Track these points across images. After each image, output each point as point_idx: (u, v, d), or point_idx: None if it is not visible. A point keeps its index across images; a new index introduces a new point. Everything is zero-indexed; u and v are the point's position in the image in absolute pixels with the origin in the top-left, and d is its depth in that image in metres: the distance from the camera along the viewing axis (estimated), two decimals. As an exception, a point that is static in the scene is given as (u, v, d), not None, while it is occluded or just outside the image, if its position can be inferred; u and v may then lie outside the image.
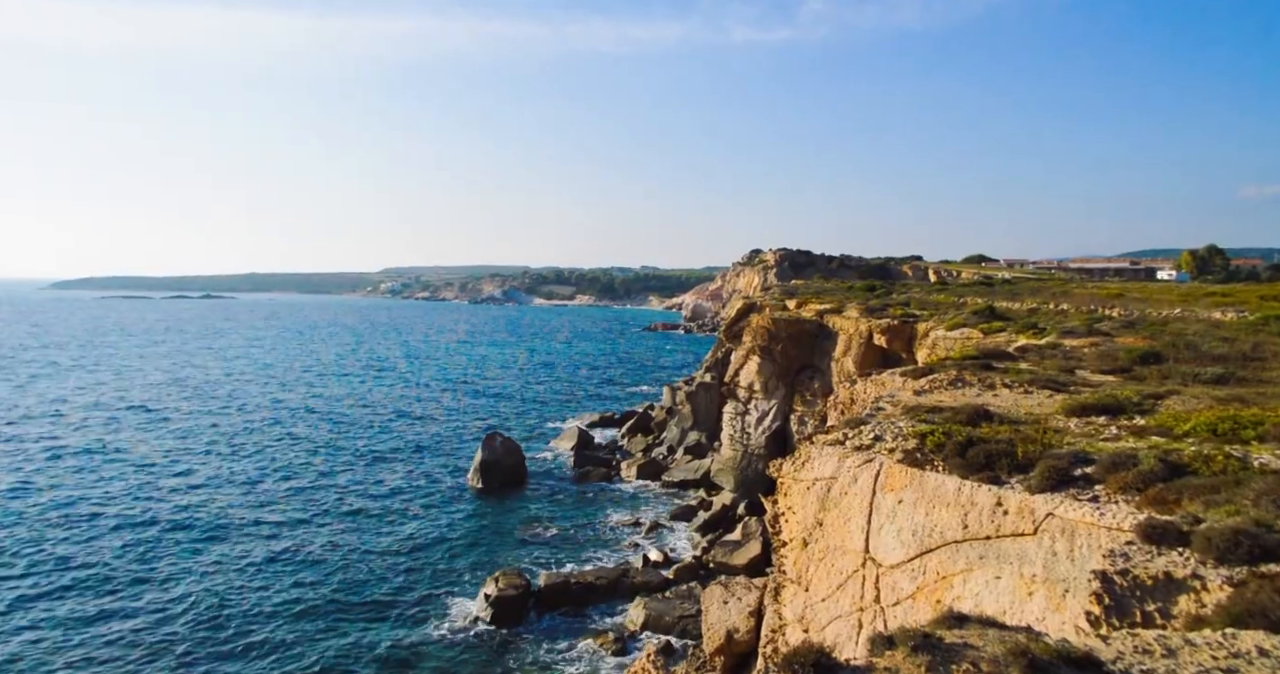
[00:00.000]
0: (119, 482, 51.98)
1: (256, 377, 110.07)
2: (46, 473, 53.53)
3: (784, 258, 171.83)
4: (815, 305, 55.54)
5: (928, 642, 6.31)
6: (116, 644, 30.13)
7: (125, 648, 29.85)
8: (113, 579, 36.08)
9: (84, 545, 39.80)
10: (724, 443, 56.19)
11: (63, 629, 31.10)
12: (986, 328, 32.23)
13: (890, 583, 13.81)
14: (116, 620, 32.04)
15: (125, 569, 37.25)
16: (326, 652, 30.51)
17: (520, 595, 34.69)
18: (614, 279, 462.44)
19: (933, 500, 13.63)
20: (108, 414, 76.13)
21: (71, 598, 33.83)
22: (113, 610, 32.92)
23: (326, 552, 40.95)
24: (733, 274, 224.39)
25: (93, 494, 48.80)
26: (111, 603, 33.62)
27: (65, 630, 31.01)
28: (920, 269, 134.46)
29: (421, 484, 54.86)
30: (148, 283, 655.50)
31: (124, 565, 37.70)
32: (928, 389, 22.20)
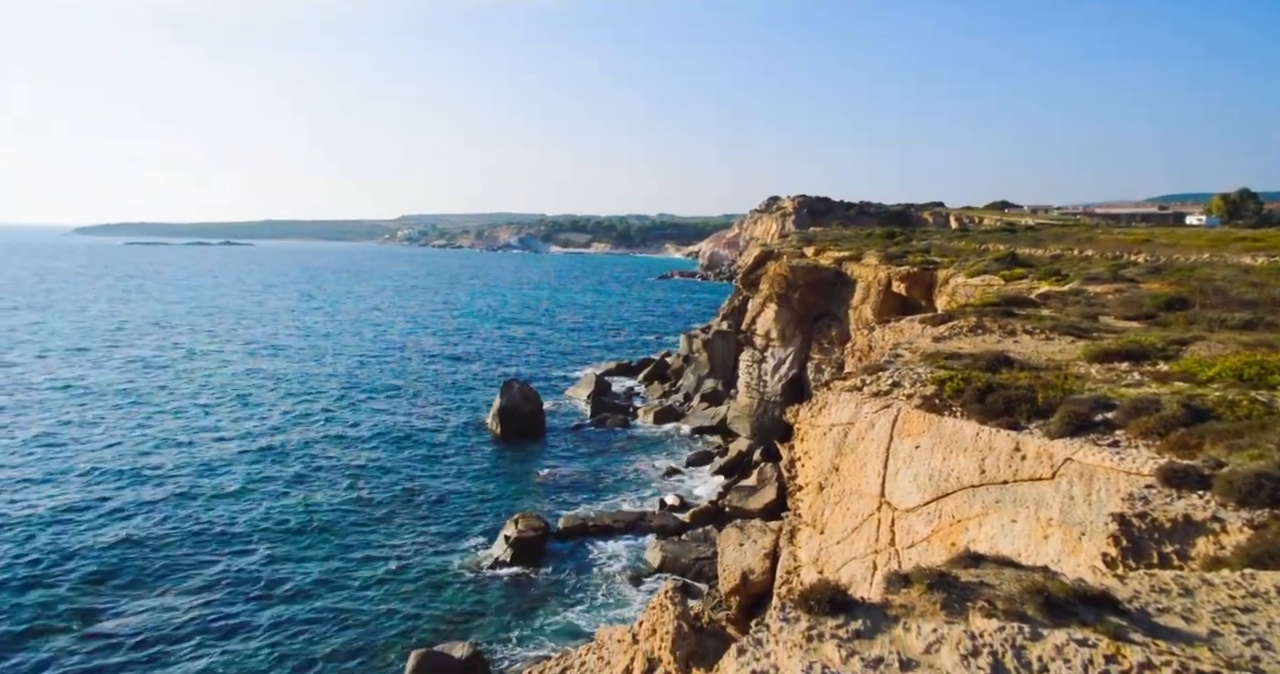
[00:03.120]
0: (156, 424, 53.13)
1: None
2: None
3: (802, 205, 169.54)
4: (833, 253, 54.94)
5: (943, 580, 6.36)
6: (150, 572, 31.23)
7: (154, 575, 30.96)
8: (148, 515, 37.15)
9: (130, 473, 40.94)
10: (740, 390, 56.40)
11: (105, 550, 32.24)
12: (1008, 275, 31.79)
13: (905, 526, 13.94)
14: (144, 552, 33.11)
15: (157, 511, 38.32)
16: (348, 592, 31.44)
17: (539, 537, 35.44)
18: (630, 227, 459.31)
19: (950, 446, 13.64)
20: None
21: (118, 520, 34.95)
22: (139, 542, 34.01)
23: (347, 494, 41.88)
24: (750, 221, 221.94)
25: (132, 434, 49.97)
26: (146, 534, 34.71)
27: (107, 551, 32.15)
28: (941, 216, 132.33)
29: (441, 430, 55.68)
30: (167, 229, 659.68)
31: (156, 508, 38.78)
32: (947, 336, 22.03)
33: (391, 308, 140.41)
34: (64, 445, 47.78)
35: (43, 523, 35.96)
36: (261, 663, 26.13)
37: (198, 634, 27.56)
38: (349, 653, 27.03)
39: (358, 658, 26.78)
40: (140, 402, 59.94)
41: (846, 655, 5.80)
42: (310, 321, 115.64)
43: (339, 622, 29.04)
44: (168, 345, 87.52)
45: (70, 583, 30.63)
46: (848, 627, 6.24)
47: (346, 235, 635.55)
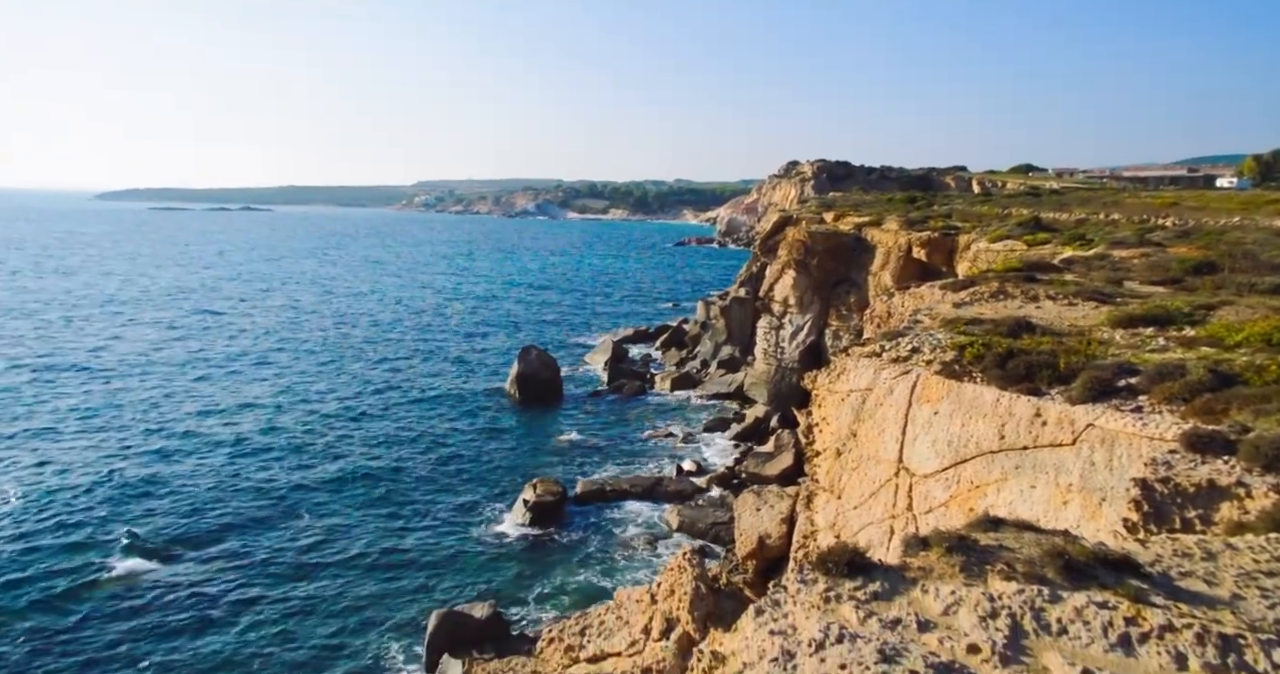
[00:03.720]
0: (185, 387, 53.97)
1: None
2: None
3: (822, 170, 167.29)
4: (853, 218, 54.31)
5: (963, 543, 6.36)
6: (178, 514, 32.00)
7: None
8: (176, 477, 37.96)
9: (161, 435, 41.80)
10: (757, 357, 56.31)
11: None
12: (1031, 239, 31.32)
13: (923, 492, 13.93)
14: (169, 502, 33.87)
15: (187, 472, 39.10)
16: (371, 553, 32.05)
17: (557, 501, 35.86)
18: (648, 192, 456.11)
19: (969, 411, 13.56)
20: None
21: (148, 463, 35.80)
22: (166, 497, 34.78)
23: (370, 458, 42.49)
24: (769, 187, 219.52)
25: (151, 394, 50.81)
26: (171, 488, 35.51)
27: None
28: (964, 180, 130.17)
29: (460, 395, 56.16)
30: (187, 195, 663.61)
31: (185, 470, 39.56)
32: (968, 301, 21.80)
33: (409, 274, 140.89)
34: (100, 409, 48.73)
35: (82, 489, 36.81)
36: (287, 620, 26.79)
37: (219, 597, 28.27)
38: (373, 612, 27.66)
39: (382, 618, 27.40)
40: (159, 368, 60.81)
41: (864, 617, 5.83)
42: (331, 288, 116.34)
43: (363, 583, 29.65)
44: (198, 311, 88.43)
45: (115, 541, 31.45)
46: (865, 589, 6.27)
47: (364, 201, 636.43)
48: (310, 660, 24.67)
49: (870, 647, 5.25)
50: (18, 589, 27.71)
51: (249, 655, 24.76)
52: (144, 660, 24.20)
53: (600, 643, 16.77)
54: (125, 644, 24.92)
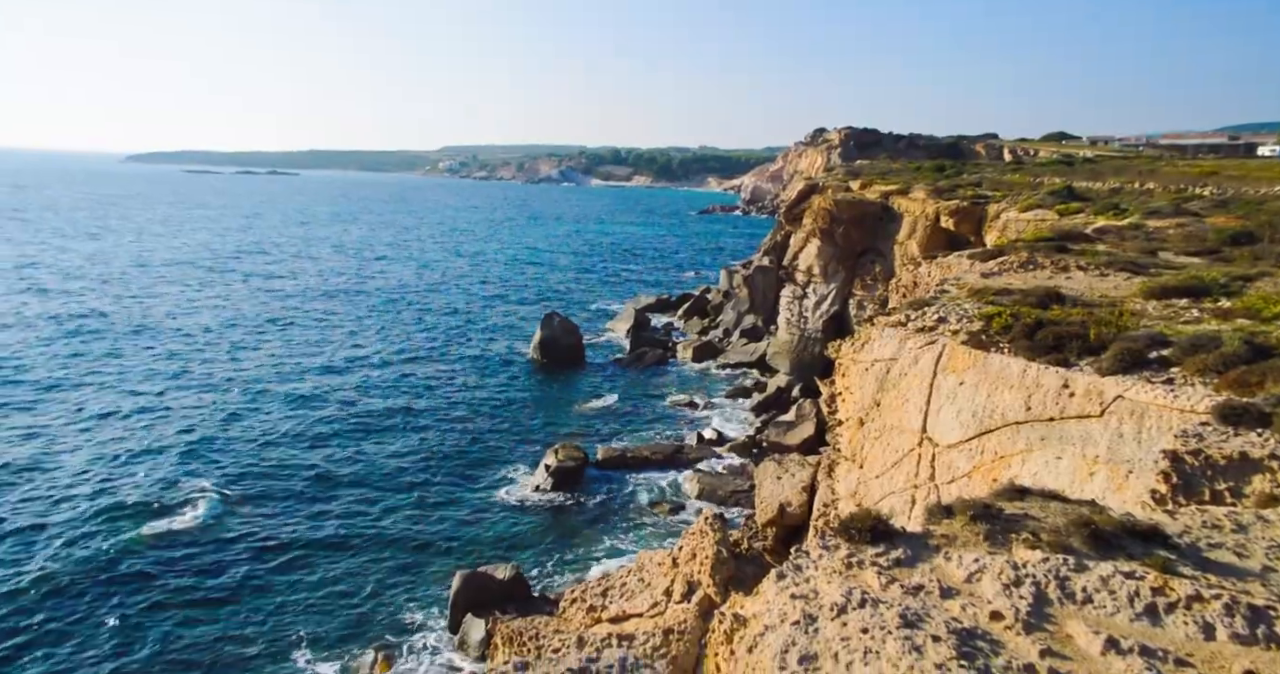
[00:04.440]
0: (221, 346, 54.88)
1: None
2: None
3: (849, 137, 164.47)
4: (880, 186, 53.49)
5: (987, 511, 6.34)
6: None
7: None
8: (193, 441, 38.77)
9: (195, 388, 42.69)
10: (780, 326, 56.06)
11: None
12: (1063, 209, 30.70)
13: (946, 462, 13.88)
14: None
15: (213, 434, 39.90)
16: (396, 515, 32.63)
17: (578, 467, 36.21)
18: (672, 159, 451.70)
19: (996, 382, 13.43)
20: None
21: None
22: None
23: (392, 421, 43.08)
24: (795, 154, 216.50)
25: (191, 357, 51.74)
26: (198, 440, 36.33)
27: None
28: (995, 148, 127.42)
29: (483, 361, 56.60)
30: (215, 158, 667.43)
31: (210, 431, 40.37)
32: (996, 271, 21.48)
33: (433, 240, 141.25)
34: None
35: (114, 458, 37.74)
36: (316, 577, 27.46)
37: (252, 552, 29.00)
38: (398, 573, 28.26)
39: (406, 578, 28.00)
40: (199, 329, 61.77)
41: (886, 583, 5.85)
42: (357, 253, 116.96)
43: (388, 544, 30.25)
44: (243, 275, 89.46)
45: (167, 497, 32.31)
46: (888, 555, 6.28)
47: (388, 166, 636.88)
48: (337, 617, 25.31)
49: (892, 612, 5.27)
50: (57, 545, 28.60)
51: (281, 610, 25.44)
52: (176, 613, 24.97)
53: (622, 604, 17.04)
54: (161, 595, 25.69)
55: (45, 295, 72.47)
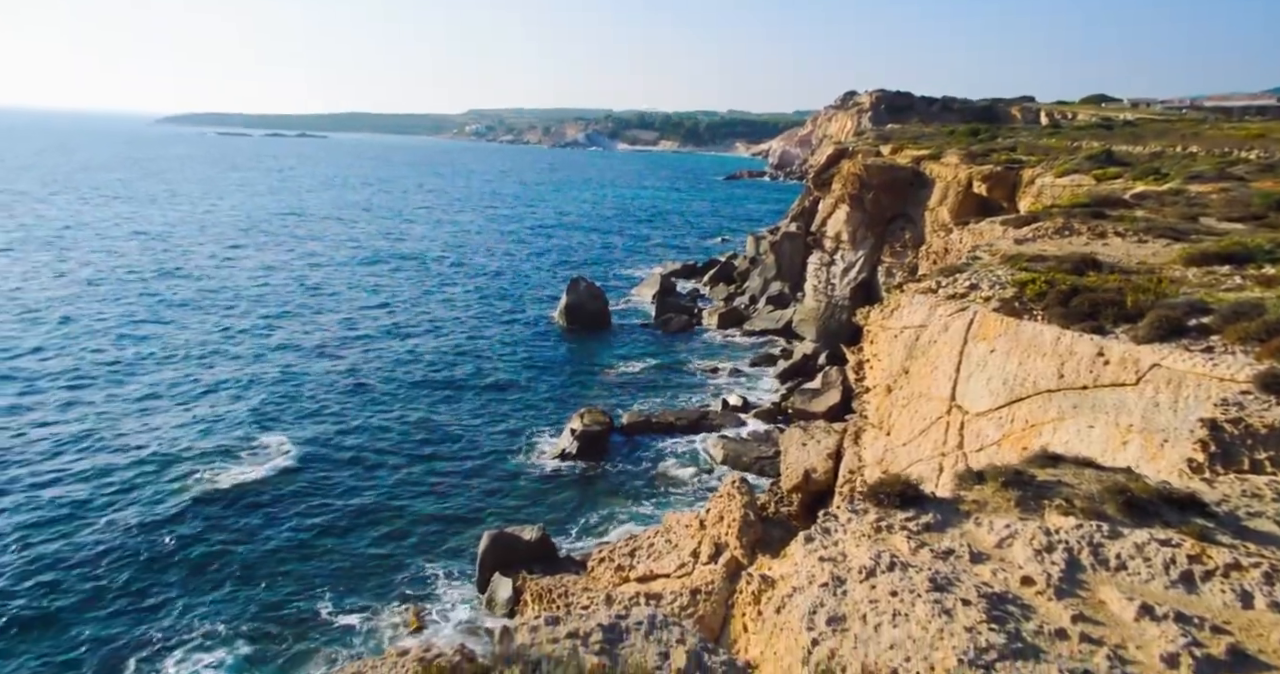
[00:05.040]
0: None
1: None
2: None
3: (880, 100, 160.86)
4: (912, 151, 52.47)
5: (1019, 478, 6.29)
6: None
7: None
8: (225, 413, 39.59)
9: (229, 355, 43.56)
10: (807, 293, 55.64)
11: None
12: (1101, 174, 29.93)
13: (975, 430, 13.78)
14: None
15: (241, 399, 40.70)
16: (424, 476, 33.18)
17: (604, 431, 36.46)
18: (699, 123, 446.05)
19: (1028, 349, 13.25)
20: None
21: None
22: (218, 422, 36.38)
23: (420, 383, 43.61)
24: (824, 118, 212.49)
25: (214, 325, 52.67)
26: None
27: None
28: (1031, 112, 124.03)
29: (509, 325, 56.90)
30: (245, 120, 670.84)
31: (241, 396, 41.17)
32: (1030, 238, 21.09)
33: (461, 204, 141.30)
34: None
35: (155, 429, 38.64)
36: (349, 538, 28.12)
37: (289, 511, 29.72)
38: (427, 532, 28.83)
39: (434, 538, 28.57)
40: (227, 293, 62.68)
41: (916, 547, 5.84)
42: (386, 217, 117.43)
43: (417, 504, 30.83)
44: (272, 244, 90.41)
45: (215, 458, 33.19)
46: (918, 520, 6.26)
47: (415, 129, 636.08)
48: (369, 575, 25.94)
49: (922, 575, 5.27)
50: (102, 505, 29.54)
51: (315, 567, 26.13)
52: (216, 567, 25.75)
53: (650, 564, 17.28)
54: (198, 548, 26.50)
55: (120, 256, 73.85)
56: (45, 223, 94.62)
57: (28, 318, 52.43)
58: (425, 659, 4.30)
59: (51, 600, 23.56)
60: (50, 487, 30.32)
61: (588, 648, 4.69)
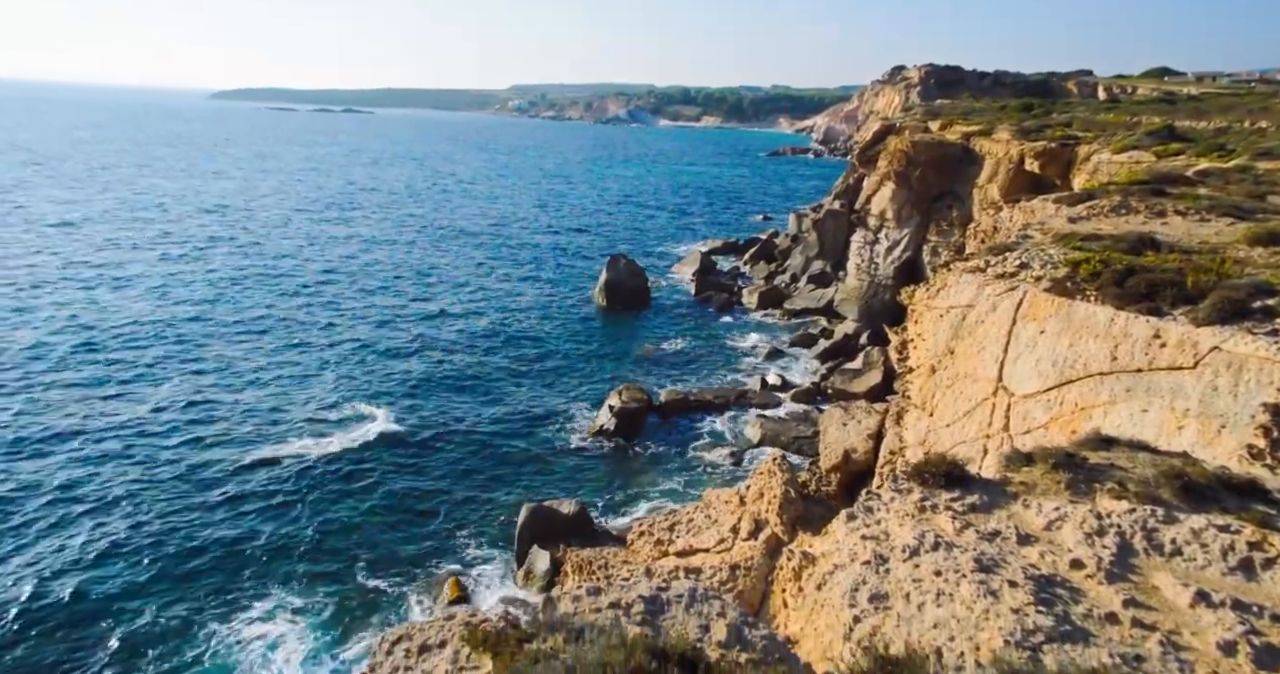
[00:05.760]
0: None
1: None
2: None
3: (930, 75, 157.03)
4: (961, 127, 51.14)
5: (1070, 460, 6.14)
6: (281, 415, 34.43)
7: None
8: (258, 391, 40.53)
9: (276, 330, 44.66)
10: (850, 272, 54.87)
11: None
12: (1161, 150, 28.87)
13: (1022, 412, 13.51)
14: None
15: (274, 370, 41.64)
16: (464, 449, 33.68)
17: (642, 409, 36.55)
18: (742, 99, 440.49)
19: (1079, 331, 12.92)
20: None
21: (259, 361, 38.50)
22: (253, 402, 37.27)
23: (462, 360, 44.13)
24: (871, 94, 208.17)
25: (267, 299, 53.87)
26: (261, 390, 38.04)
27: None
28: (1088, 86, 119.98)
29: (549, 302, 57.18)
30: (293, 95, 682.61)
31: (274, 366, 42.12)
32: (1085, 216, 20.48)
33: (501, 180, 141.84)
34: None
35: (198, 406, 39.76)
36: (393, 507, 28.75)
37: (336, 481, 30.47)
38: (467, 505, 29.34)
39: (475, 509, 29.07)
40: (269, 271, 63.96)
41: (961, 527, 5.76)
42: (429, 194, 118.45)
43: (457, 478, 31.35)
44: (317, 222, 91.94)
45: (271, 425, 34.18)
46: (963, 500, 6.17)
47: (458, 105, 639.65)
48: (410, 544, 26.53)
49: (967, 556, 5.20)
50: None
51: (358, 536, 26.80)
52: (262, 536, 26.56)
53: (689, 538, 17.37)
54: (248, 517, 27.34)
55: (201, 229, 75.88)
56: (137, 195, 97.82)
57: (122, 288, 54.47)
58: (471, 624, 4.37)
59: (129, 561, 24.62)
60: (120, 453, 31.52)
61: (629, 618, 4.73)
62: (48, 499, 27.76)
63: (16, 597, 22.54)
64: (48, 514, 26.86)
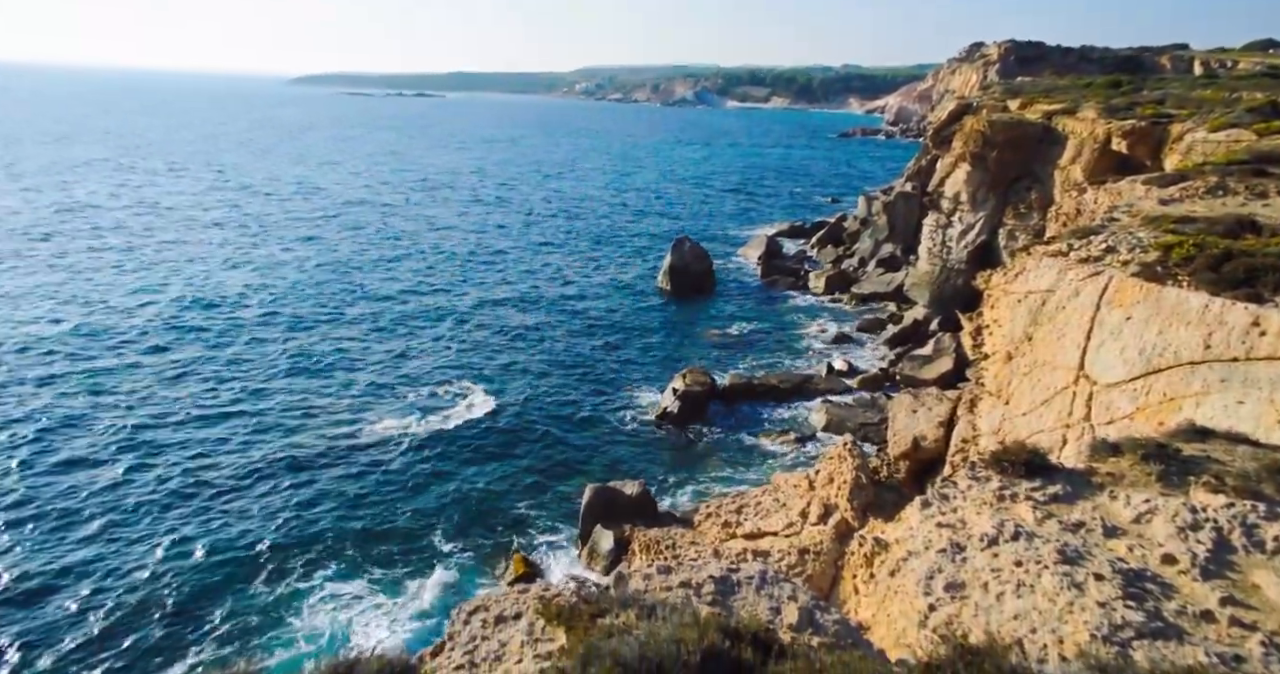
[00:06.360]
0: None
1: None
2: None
3: (1010, 52, 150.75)
4: (1043, 105, 49.06)
5: (1161, 451, 5.88)
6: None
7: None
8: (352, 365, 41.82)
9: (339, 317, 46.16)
10: (921, 256, 53.49)
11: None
12: (1264, 128, 27.16)
13: (1105, 402, 13.01)
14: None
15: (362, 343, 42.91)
16: (527, 432, 34.15)
17: (705, 392, 36.46)
18: (812, 79, 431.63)
19: (1170, 317, 12.34)
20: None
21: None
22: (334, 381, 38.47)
23: (527, 341, 44.77)
24: (947, 72, 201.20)
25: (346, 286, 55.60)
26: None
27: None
28: (1183, 61, 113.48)
29: (613, 284, 57.43)
30: (367, 80, 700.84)
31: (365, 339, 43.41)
32: (1177, 198, 19.49)
33: (570, 162, 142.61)
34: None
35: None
36: (462, 484, 29.48)
37: (400, 459, 31.39)
38: (532, 483, 29.89)
39: (537, 488, 29.60)
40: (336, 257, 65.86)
41: (1042, 518, 5.58)
42: (497, 177, 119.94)
43: (522, 457, 31.91)
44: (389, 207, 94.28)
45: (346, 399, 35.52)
46: (1044, 490, 5.98)
47: (527, 88, 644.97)
48: (479, 520, 27.21)
49: (1049, 547, 5.03)
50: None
51: (431, 510, 27.63)
52: (371, 502, 27.62)
53: (757, 521, 17.32)
54: (336, 486, 28.43)
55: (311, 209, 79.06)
56: (241, 174, 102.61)
57: (231, 265, 57.30)
58: (545, 598, 4.44)
59: (226, 525, 26.06)
60: (222, 423, 33.23)
61: (700, 598, 4.74)
62: (164, 463, 29.59)
63: (125, 555, 24.02)
64: (158, 477, 28.61)
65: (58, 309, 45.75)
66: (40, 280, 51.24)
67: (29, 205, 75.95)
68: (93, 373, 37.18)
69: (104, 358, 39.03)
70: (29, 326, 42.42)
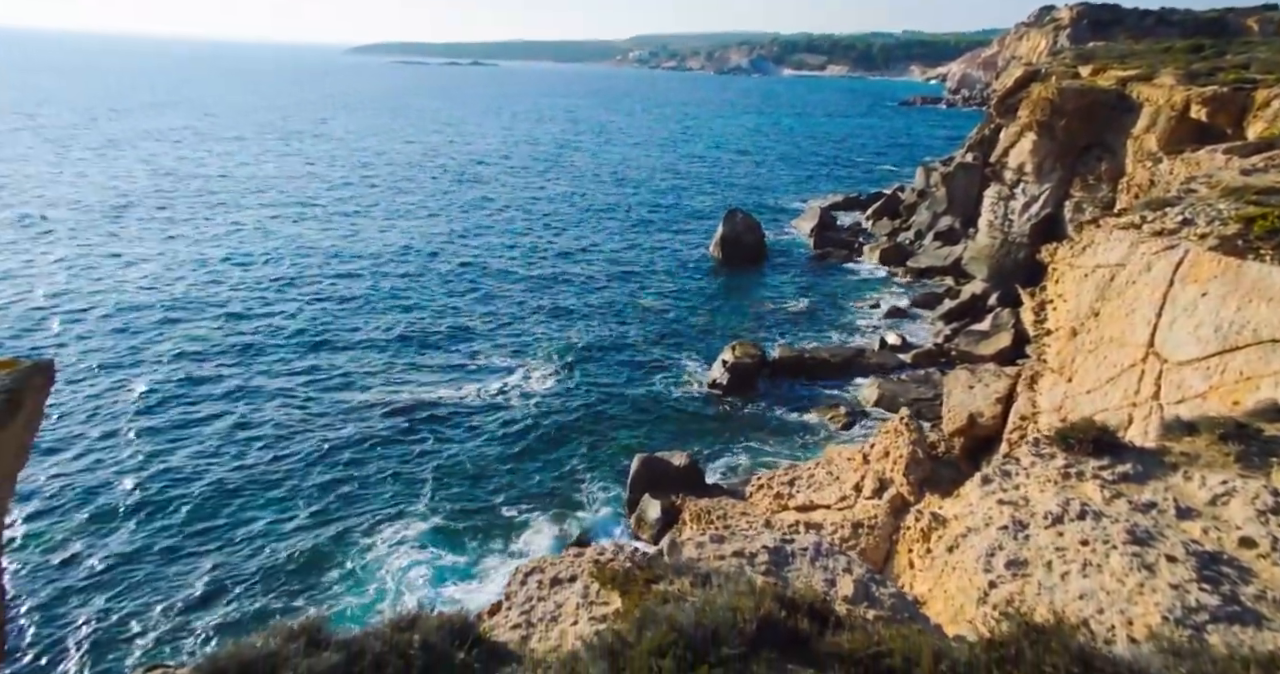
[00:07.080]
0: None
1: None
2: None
3: (1083, 14, 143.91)
4: (1116, 72, 46.85)
5: (1241, 431, 5.62)
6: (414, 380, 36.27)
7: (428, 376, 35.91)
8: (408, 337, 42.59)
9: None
10: (981, 229, 51.94)
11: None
12: (1360, 94, 25.53)
13: (1176, 380, 12.52)
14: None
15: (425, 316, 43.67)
16: (575, 401, 34.38)
17: (755, 365, 36.22)
18: (871, 46, 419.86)
19: (1249, 293, 11.79)
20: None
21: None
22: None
23: (577, 310, 45.02)
24: (1014, 37, 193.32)
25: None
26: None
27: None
28: (1271, 22, 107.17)
29: (664, 255, 57.22)
30: (423, 49, 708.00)
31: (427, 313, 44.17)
32: (1261, 168, 18.53)
33: (624, 134, 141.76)
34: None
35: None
36: (513, 457, 29.99)
37: (477, 436, 32.00)
38: (580, 452, 30.22)
39: (590, 456, 29.92)
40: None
41: (1110, 497, 5.41)
42: (552, 149, 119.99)
43: (573, 426, 32.22)
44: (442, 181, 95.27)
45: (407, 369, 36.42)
46: (1113, 469, 5.79)
47: (580, 56, 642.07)
48: (528, 489, 27.67)
49: (1118, 527, 4.87)
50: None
51: (484, 479, 28.21)
52: (414, 466, 28.36)
53: (809, 494, 17.26)
54: (405, 448, 29.23)
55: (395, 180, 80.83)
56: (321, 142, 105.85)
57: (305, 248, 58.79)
58: (600, 562, 4.47)
59: (292, 479, 27.25)
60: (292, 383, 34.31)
61: (754, 567, 4.71)
62: (236, 420, 31.03)
63: (199, 502, 25.17)
64: (235, 432, 30.04)
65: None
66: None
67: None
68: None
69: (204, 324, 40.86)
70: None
